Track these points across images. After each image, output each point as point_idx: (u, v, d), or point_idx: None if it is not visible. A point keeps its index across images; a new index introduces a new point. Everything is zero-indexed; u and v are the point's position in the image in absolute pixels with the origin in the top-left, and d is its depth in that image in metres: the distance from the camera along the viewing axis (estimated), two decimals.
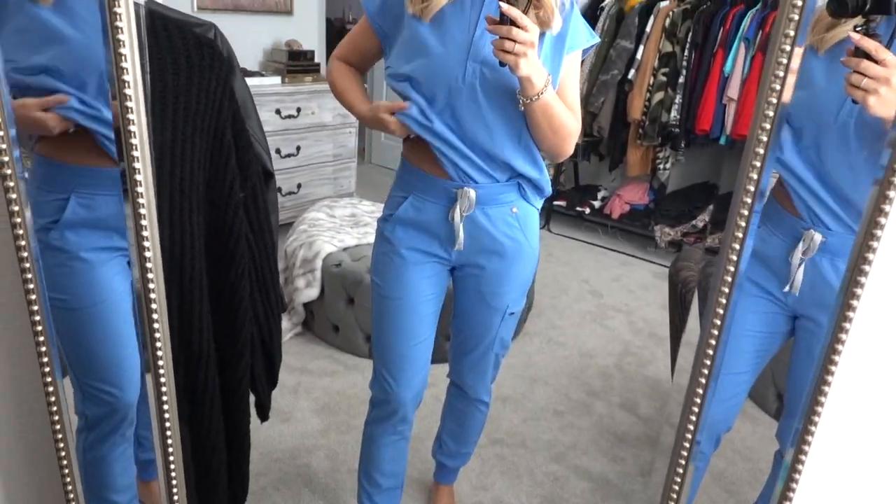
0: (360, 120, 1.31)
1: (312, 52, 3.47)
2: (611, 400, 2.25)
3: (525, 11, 1.04)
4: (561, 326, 2.74)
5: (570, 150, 1.22)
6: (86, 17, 0.95)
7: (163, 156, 1.04)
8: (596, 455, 1.97)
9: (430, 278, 1.33)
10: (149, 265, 0.78)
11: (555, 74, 1.17)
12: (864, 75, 0.88)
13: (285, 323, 2.48)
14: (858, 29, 0.88)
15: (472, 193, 1.22)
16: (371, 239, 2.57)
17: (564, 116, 1.16)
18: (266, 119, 3.14)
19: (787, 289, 1.16)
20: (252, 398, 1.37)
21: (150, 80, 1.02)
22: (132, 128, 0.74)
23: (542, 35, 1.13)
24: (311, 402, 2.14)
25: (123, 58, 0.72)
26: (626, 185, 3.69)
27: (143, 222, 0.77)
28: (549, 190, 1.31)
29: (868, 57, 0.88)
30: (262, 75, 3.30)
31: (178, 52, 1.03)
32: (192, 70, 1.04)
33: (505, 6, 1.00)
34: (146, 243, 0.77)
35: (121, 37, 0.71)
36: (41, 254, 0.97)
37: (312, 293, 2.43)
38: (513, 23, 1.01)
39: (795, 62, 0.68)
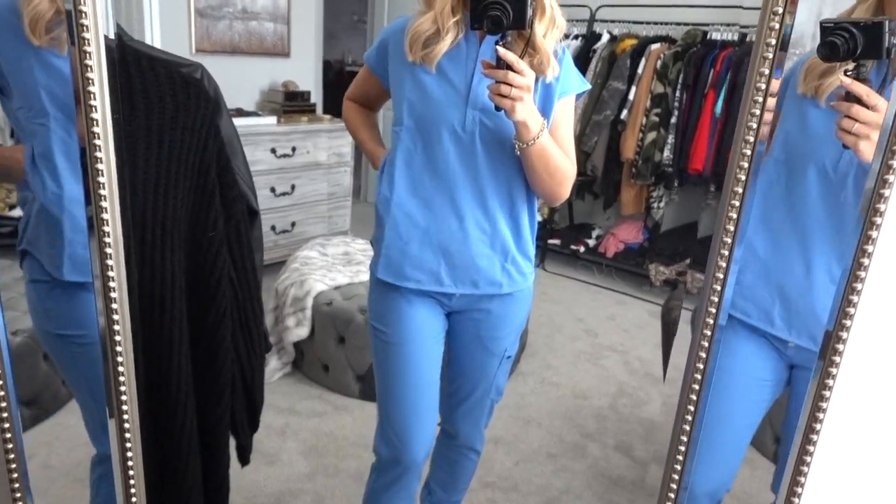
0: (371, 160, 1.36)
1: (308, 93, 3.51)
2: (605, 442, 2.21)
3: (521, 56, 1.02)
4: (555, 366, 2.71)
5: (567, 193, 1.19)
6: None
7: (146, 193, 1.04)
8: (590, 500, 1.92)
9: (433, 318, 1.26)
10: (114, 306, 0.76)
11: (547, 119, 1.15)
12: (856, 120, 0.86)
13: (274, 362, 2.44)
14: (849, 74, 0.85)
15: None
16: (363, 277, 2.55)
17: (560, 160, 1.14)
18: (261, 158, 3.15)
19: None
20: (233, 441, 1.34)
21: (136, 118, 1.03)
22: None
23: (535, 80, 1.10)
24: (299, 444, 2.09)
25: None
26: (620, 223, 3.69)
27: (109, 262, 0.75)
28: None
29: (860, 102, 0.85)
30: (259, 115, 3.33)
31: (163, 92, 1.03)
32: (177, 109, 1.05)
33: (501, 51, 0.99)
34: (112, 283, 0.76)
35: (90, 75, 0.71)
36: (50, 290, 1.00)
37: (303, 332, 2.40)
38: (509, 67, 0.99)
39: (771, 101, 0.68)
